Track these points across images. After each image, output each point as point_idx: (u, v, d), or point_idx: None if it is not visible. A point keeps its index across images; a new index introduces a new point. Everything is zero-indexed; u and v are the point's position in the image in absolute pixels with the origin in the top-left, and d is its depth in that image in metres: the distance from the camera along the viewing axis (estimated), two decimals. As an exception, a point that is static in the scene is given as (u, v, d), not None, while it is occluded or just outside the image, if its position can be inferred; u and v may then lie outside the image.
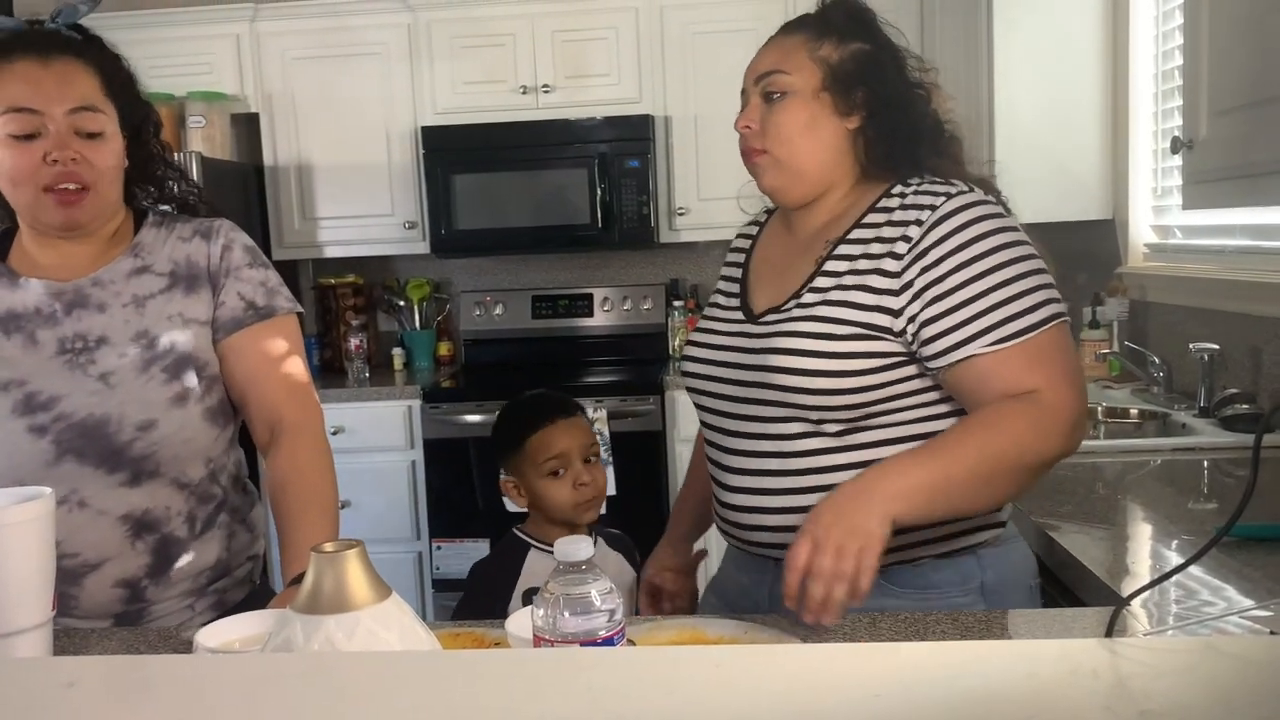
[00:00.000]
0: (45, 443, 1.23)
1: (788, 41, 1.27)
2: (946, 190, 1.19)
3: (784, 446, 1.21)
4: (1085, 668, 0.60)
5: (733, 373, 1.26)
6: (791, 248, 1.30)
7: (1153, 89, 2.61)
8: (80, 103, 1.24)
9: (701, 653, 0.69)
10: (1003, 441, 1.11)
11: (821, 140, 1.23)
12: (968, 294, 1.14)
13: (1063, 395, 1.12)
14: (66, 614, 1.27)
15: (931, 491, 1.09)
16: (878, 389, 1.18)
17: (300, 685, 0.63)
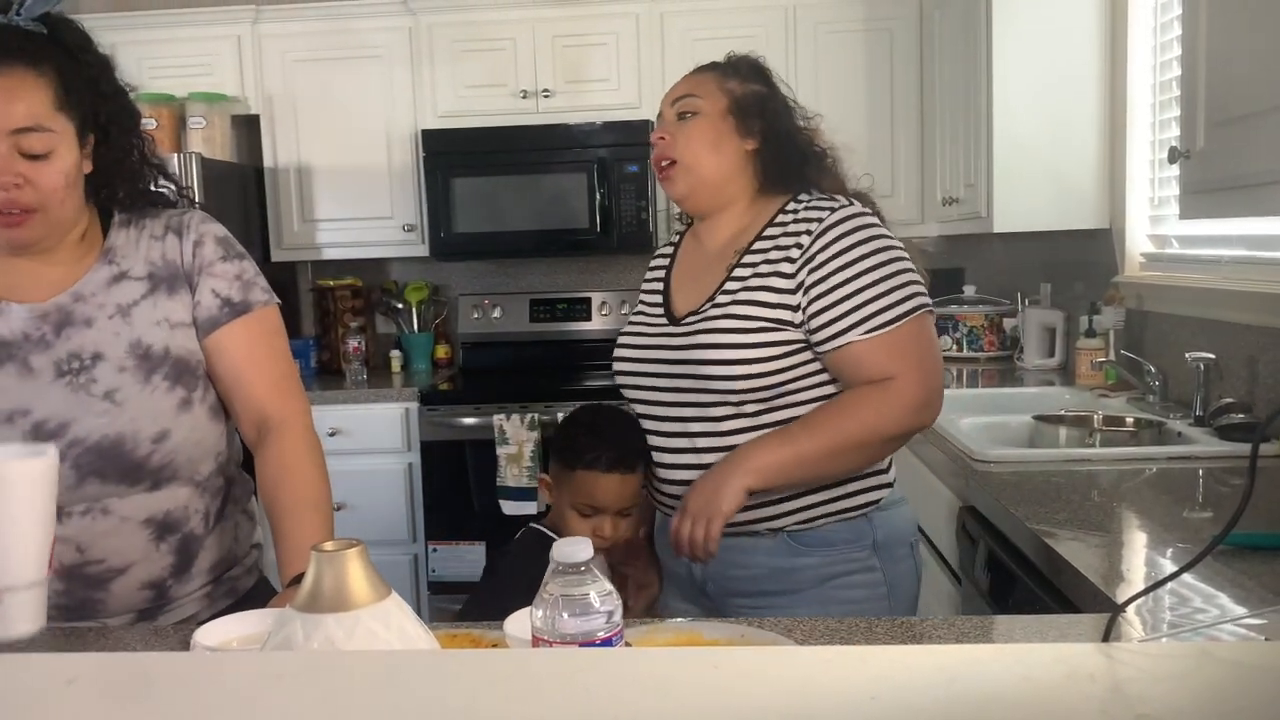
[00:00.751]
0: (65, 469, 1.19)
1: (701, 76, 1.51)
2: (831, 205, 1.43)
3: (712, 427, 1.43)
4: (1082, 672, 0.60)
5: (662, 367, 1.47)
6: (704, 259, 1.51)
7: (1150, 99, 2.62)
8: (24, 123, 1.14)
9: (699, 654, 0.70)
10: (850, 424, 1.37)
11: (724, 155, 1.46)
12: (846, 290, 1.38)
13: (913, 380, 1.37)
14: (92, 617, 1.26)
15: (785, 465, 1.36)
16: (785, 371, 1.41)
17: (299, 684, 0.63)
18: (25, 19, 1.17)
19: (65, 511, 1.22)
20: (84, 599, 1.25)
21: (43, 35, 1.19)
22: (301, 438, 1.29)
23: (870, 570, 1.47)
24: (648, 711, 0.58)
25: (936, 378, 1.41)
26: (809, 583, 1.43)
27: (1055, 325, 3.06)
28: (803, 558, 1.45)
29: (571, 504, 1.53)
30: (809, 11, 3.39)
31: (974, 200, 2.92)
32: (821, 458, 1.38)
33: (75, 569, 1.24)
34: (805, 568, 1.44)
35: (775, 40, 3.37)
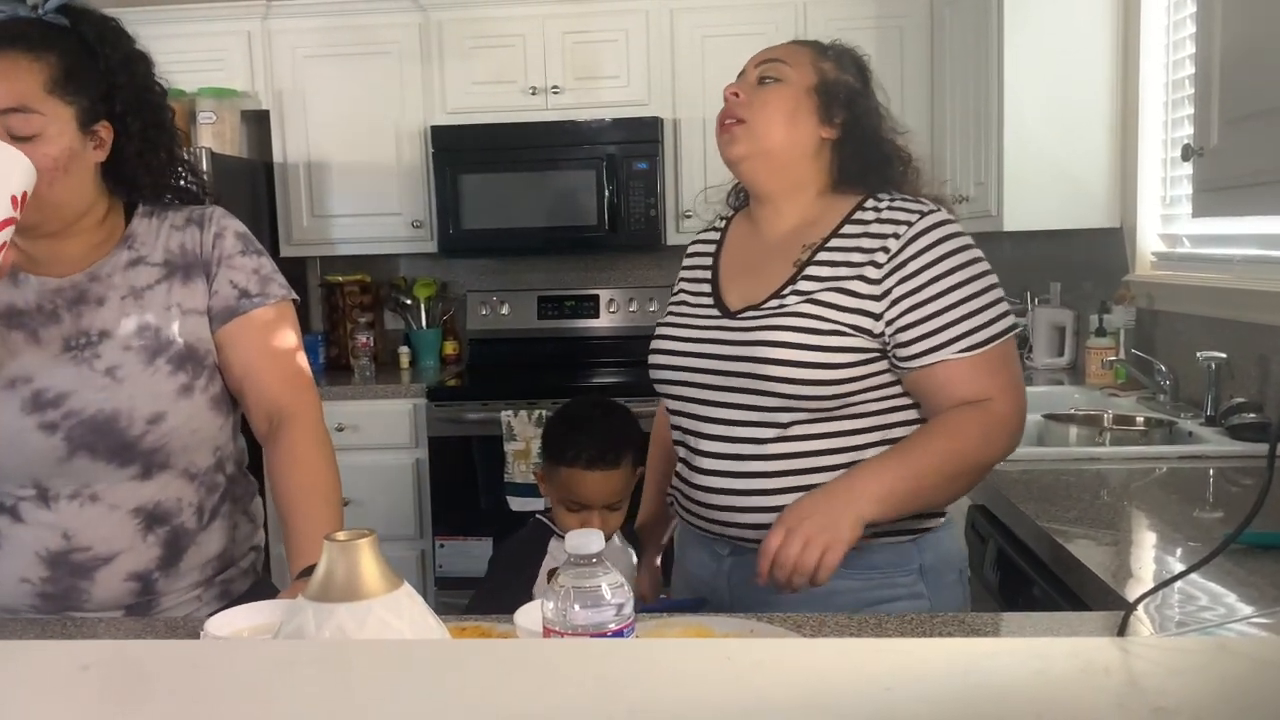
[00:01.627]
0: (57, 439, 1.22)
1: (796, 46, 1.41)
2: (919, 209, 1.32)
3: (762, 433, 1.31)
4: (1097, 665, 0.60)
5: (711, 364, 1.34)
6: (762, 250, 1.39)
7: (1162, 97, 2.61)
8: (10, 103, 1.16)
9: (713, 645, 0.69)
10: (962, 446, 1.27)
11: (797, 131, 1.34)
12: (939, 305, 1.28)
13: (1010, 403, 1.29)
14: (77, 608, 1.27)
15: (904, 494, 1.24)
16: (853, 380, 1.30)
17: (312, 672, 0.63)
18: (47, 11, 1.22)
19: (53, 496, 1.24)
20: (69, 587, 1.25)
21: (61, 26, 1.22)
22: (312, 431, 1.30)
23: (917, 597, 1.34)
24: (662, 702, 0.58)
25: (1024, 399, 1.33)
26: (848, 607, 1.27)
27: (1065, 324, 3.05)
28: (843, 580, 1.26)
29: (559, 499, 1.53)
30: (820, 9, 3.38)
31: (984, 199, 2.91)
32: (939, 484, 1.27)
33: (61, 555, 1.25)
34: (845, 591, 1.28)
35: (786, 37, 3.32)
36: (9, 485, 1.25)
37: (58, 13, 1.23)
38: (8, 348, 1.24)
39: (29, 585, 1.25)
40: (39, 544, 1.25)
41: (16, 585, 1.26)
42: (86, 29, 1.25)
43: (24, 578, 1.25)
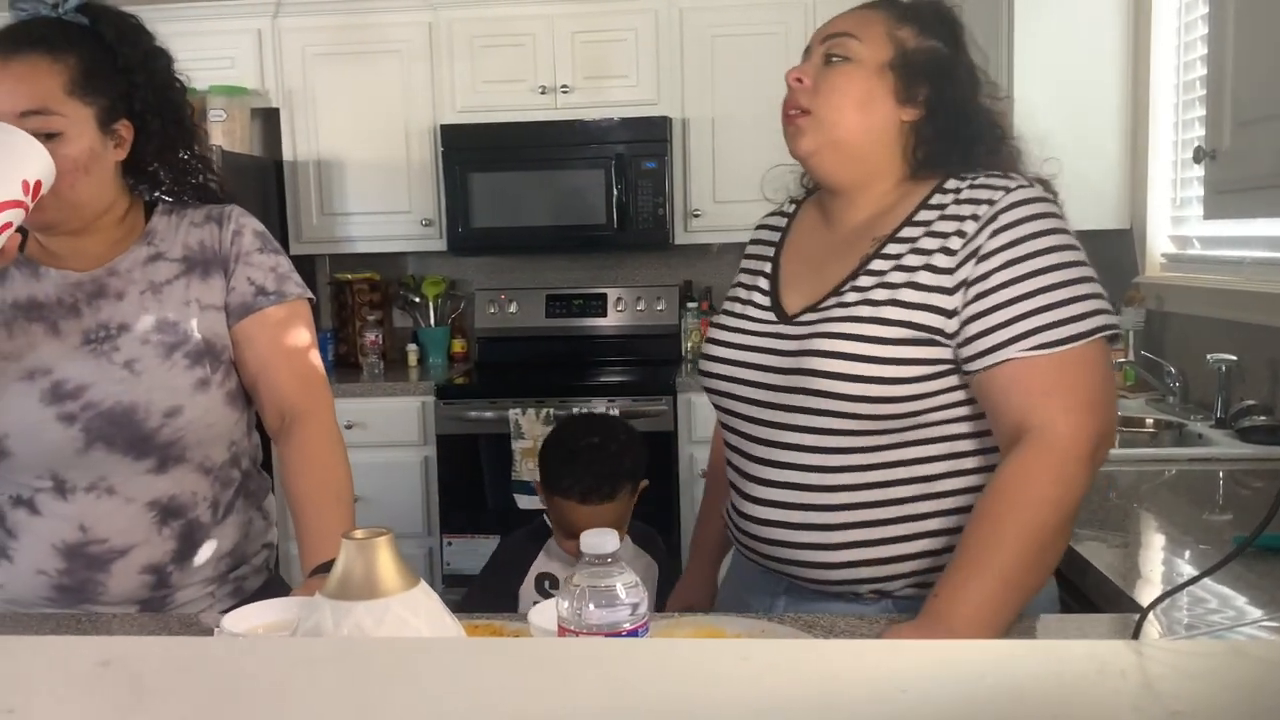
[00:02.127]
0: (75, 431, 1.24)
1: (869, 12, 1.20)
2: (1005, 184, 1.12)
3: (818, 459, 1.14)
4: (1113, 668, 0.60)
5: (764, 375, 1.19)
6: (830, 244, 1.22)
7: (1173, 98, 2.60)
8: (30, 105, 1.18)
9: (730, 646, 0.70)
10: (1038, 514, 1.04)
11: (872, 118, 1.16)
12: (1013, 293, 1.07)
13: (1077, 423, 1.05)
14: (93, 600, 1.28)
15: (996, 605, 1.03)
16: (925, 397, 1.11)
17: (331, 669, 0.63)
18: (66, 11, 1.23)
19: (70, 488, 1.25)
20: (85, 580, 1.27)
21: (81, 26, 1.24)
22: (325, 429, 1.31)
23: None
24: (679, 702, 0.58)
25: (1106, 418, 1.08)
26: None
27: (1074, 326, 3.04)
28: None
29: (554, 521, 1.53)
30: (830, 8, 3.34)
31: (993, 199, 2.91)
32: (1025, 572, 1.04)
33: (77, 548, 1.26)
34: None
35: (796, 37, 3.36)
36: (26, 476, 1.26)
37: (77, 12, 1.24)
38: (28, 339, 1.26)
39: (45, 577, 1.26)
40: (56, 536, 1.26)
41: (33, 577, 1.27)
42: (106, 28, 1.26)
43: (40, 569, 1.26)
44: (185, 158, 1.35)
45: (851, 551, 1.15)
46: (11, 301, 1.28)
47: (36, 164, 1.12)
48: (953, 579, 1.04)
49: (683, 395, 3.22)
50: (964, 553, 1.05)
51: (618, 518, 1.55)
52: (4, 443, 1.25)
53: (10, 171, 1.09)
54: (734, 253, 3.79)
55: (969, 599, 1.02)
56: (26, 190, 1.11)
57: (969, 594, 1.03)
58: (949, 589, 1.04)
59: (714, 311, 3.70)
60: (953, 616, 1.02)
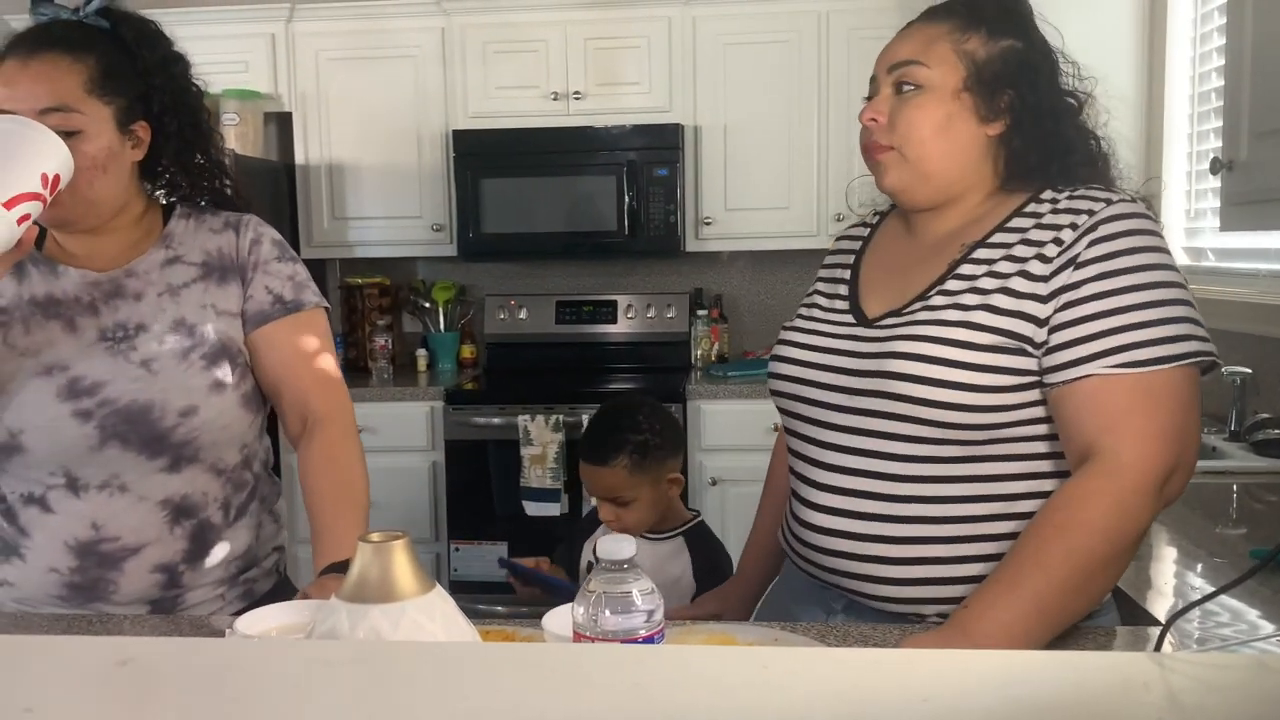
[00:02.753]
0: (90, 427, 1.25)
1: (931, 30, 1.14)
2: (1107, 196, 1.08)
3: (890, 468, 1.09)
4: (1136, 681, 0.60)
5: (838, 378, 1.14)
6: (914, 252, 1.18)
7: (1188, 110, 2.60)
8: (50, 103, 1.19)
9: (749, 654, 0.69)
10: (1087, 540, 0.99)
11: (956, 144, 1.12)
12: (1104, 306, 1.02)
13: (1149, 452, 1.00)
14: (104, 599, 1.28)
15: (1025, 627, 0.98)
16: (1009, 410, 1.06)
17: (347, 672, 0.63)
18: (87, 14, 1.25)
19: (83, 485, 1.26)
20: (97, 578, 1.27)
21: (101, 29, 1.26)
22: (346, 432, 1.33)
23: None
24: (697, 710, 0.57)
25: (1181, 451, 1.02)
26: None
27: (1085, 337, 3.03)
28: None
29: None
30: (842, 17, 3.38)
31: (1006, 209, 2.90)
32: (1064, 599, 1.00)
33: (90, 545, 1.26)
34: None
35: (808, 45, 3.36)
36: (39, 473, 1.27)
37: (98, 15, 1.26)
38: (45, 336, 1.27)
39: (57, 575, 1.27)
40: (68, 534, 1.26)
41: (45, 575, 1.27)
42: (126, 31, 1.28)
43: (53, 567, 1.27)
44: (202, 162, 1.36)
45: (919, 568, 1.10)
46: (29, 298, 1.29)
47: (56, 158, 1.14)
48: (986, 594, 1.01)
49: (692, 403, 3.22)
50: (1004, 569, 1.01)
51: (613, 486, 1.63)
52: (19, 438, 1.25)
53: (30, 164, 1.10)
54: (745, 260, 3.82)
55: (998, 617, 0.99)
56: (45, 183, 1.12)
57: (999, 612, 0.99)
58: (980, 603, 1.00)
59: (724, 319, 3.71)
60: (977, 632, 0.98)
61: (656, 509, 1.67)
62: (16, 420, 1.25)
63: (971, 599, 1.01)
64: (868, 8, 3.37)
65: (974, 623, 0.99)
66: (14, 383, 1.25)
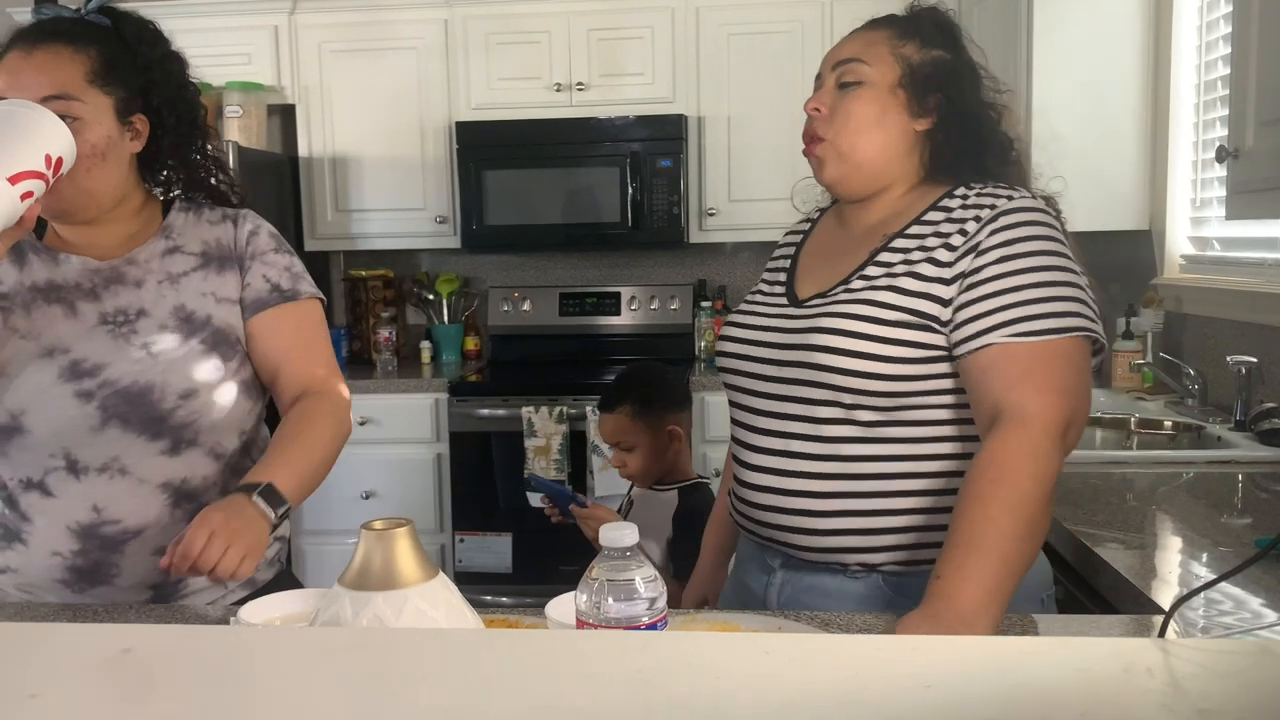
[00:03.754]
0: (91, 408, 1.26)
1: (872, 34, 1.28)
2: (1010, 193, 1.21)
3: (813, 430, 1.22)
4: (1139, 666, 0.60)
5: (771, 352, 1.26)
6: (844, 241, 1.31)
7: (1194, 98, 2.58)
8: (52, 91, 1.22)
9: (751, 640, 0.69)
10: (1020, 487, 1.08)
11: (888, 135, 1.25)
12: (1001, 285, 1.16)
13: (1048, 402, 1.11)
14: (106, 583, 1.29)
15: (997, 580, 1.06)
16: (916, 380, 1.18)
17: (350, 659, 0.63)
18: (89, 11, 1.29)
19: (83, 467, 1.27)
20: (99, 561, 1.28)
21: (103, 25, 1.29)
22: (332, 401, 1.34)
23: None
24: (701, 695, 0.57)
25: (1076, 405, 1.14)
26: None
27: (1090, 327, 3.02)
28: (896, 605, 1.18)
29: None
30: (846, 7, 3.36)
31: (1010, 199, 2.89)
32: (1020, 546, 1.08)
33: (92, 528, 1.28)
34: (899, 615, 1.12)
35: (812, 36, 3.35)
36: (39, 455, 1.27)
37: (99, 13, 1.29)
38: (46, 320, 1.29)
39: (60, 559, 1.28)
40: (70, 517, 1.27)
41: (47, 559, 1.28)
42: (126, 28, 1.31)
43: (55, 550, 1.28)
44: (198, 157, 1.39)
45: (838, 520, 1.21)
46: (30, 284, 1.31)
47: (60, 141, 1.16)
48: (952, 559, 1.08)
49: (696, 395, 3.21)
50: (957, 533, 1.10)
51: (617, 430, 1.91)
52: (20, 419, 1.26)
53: (35, 143, 1.13)
54: (749, 251, 3.81)
55: (970, 576, 1.06)
56: (49, 164, 1.15)
57: (969, 571, 1.06)
58: (950, 569, 1.07)
59: (728, 310, 3.70)
60: (957, 596, 1.05)
61: (658, 459, 1.90)
62: (17, 401, 1.26)
63: (940, 568, 1.08)
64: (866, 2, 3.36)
65: (951, 588, 1.06)
66: (14, 365, 1.27)
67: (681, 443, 1.95)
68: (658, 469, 1.92)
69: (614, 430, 1.92)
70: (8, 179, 1.09)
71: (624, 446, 1.91)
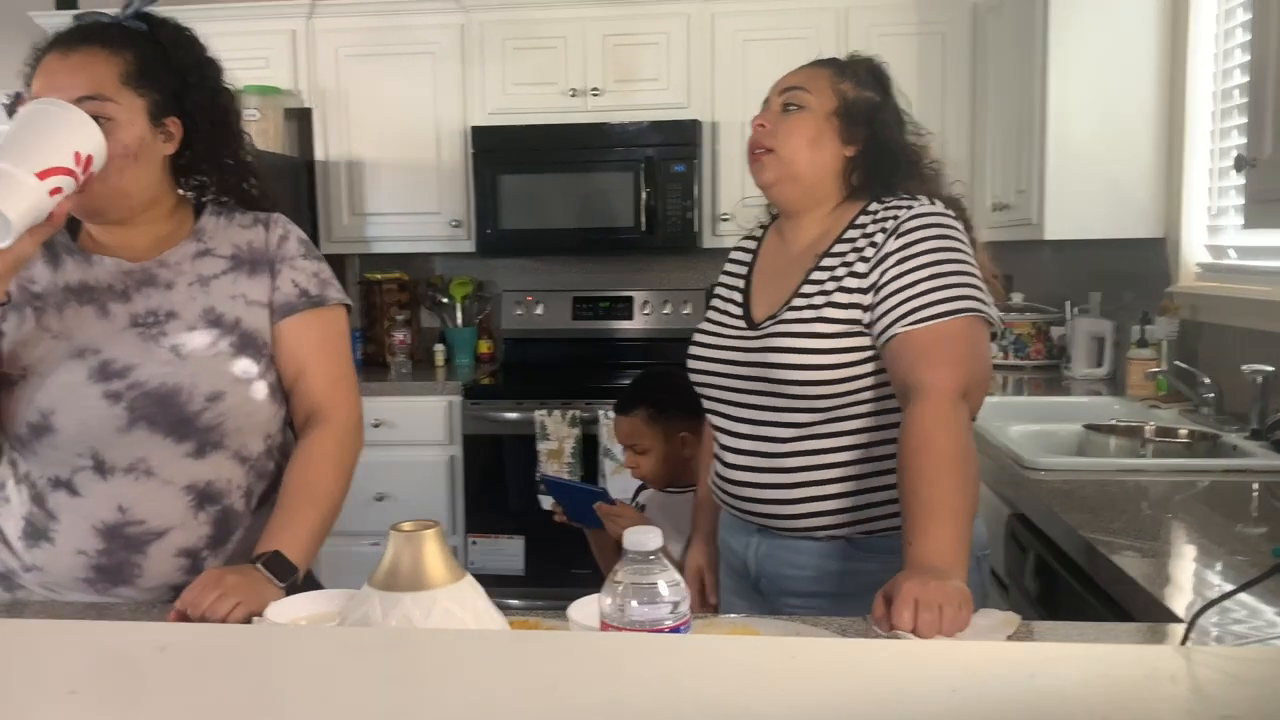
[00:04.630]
0: (120, 409, 1.28)
1: (816, 70, 1.50)
2: (909, 204, 1.41)
3: (777, 431, 1.43)
4: (1162, 673, 0.60)
5: (736, 369, 1.47)
6: (786, 260, 1.50)
7: (1210, 106, 2.58)
8: (86, 91, 1.24)
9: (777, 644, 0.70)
10: (937, 447, 1.25)
11: (821, 154, 1.45)
12: (899, 284, 1.35)
13: (942, 374, 1.30)
14: (129, 583, 1.31)
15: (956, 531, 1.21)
16: (858, 379, 1.38)
17: (381, 657, 0.64)
18: (125, 17, 1.31)
19: (109, 468, 1.29)
20: (122, 561, 1.30)
21: (139, 30, 1.31)
22: (336, 436, 1.36)
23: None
24: (728, 698, 0.58)
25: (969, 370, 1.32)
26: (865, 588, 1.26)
27: (1104, 335, 3.02)
28: (861, 563, 1.40)
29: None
30: (861, 14, 3.37)
31: (1025, 207, 2.89)
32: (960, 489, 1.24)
33: (116, 528, 1.29)
34: (863, 573, 1.38)
35: (827, 42, 3.35)
36: (68, 454, 1.29)
37: (135, 19, 1.31)
38: (78, 320, 1.31)
39: (85, 558, 1.29)
40: (95, 517, 1.29)
41: (73, 558, 1.30)
42: (162, 33, 1.33)
43: (80, 549, 1.29)
44: (231, 162, 1.40)
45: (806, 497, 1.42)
46: (64, 285, 1.33)
47: (90, 139, 1.18)
48: (913, 526, 1.24)
49: (709, 399, 3.22)
50: (908, 503, 1.26)
51: (632, 432, 1.96)
52: (49, 418, 1.28)
53: (64, 140, 1.15)
54: (761, 257, 3.81)
55: (933, 534, 1.21)
56: (78, 161, 1.16)
57: (934, 530, 1.22)
58: (915, 535, 1.23)
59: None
60: (930, 554, 1.19)
61: (669, 463, 1.95)
62: (48, 400, 1.28)
63: (907, 535, 1.24)
64: (887, 4, 3.37)
65: (924, 550, 1.20)
66: (46, 364, 1.28)
67: (693, 449, 1.96)
68: (670, 472, 1.96)
69: (628, 433, 1.98)
70: (36, 174, 1.11)
71: (638, 449, 1.97)
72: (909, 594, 1.11)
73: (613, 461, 3.16)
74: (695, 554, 1.69)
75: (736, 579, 1.55)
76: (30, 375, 1.29)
